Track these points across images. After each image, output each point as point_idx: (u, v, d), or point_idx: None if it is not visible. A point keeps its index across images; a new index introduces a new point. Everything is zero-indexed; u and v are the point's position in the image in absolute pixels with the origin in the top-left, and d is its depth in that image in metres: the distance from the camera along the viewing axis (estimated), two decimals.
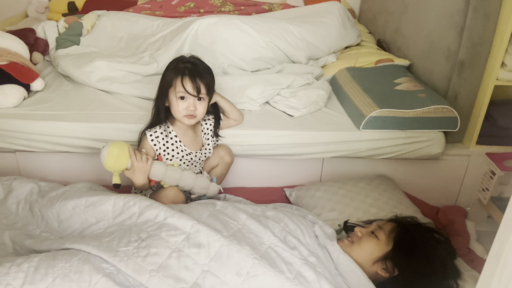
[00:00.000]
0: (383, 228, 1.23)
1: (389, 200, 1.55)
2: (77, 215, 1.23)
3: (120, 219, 1.19)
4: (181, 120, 1.41)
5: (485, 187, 1.76)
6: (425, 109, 1.63)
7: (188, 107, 1.38)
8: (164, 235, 1.10)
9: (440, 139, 1.68)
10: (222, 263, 1.06)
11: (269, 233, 1.17)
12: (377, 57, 2.11)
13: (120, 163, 1.28)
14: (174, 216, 1.15)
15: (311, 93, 1.80)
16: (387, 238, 1.20)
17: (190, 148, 1.49)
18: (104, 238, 1.09)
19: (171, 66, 1.41)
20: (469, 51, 1.67)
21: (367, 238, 1.22)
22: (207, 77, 1.41)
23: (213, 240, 1.10)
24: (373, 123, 1.64)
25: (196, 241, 1.09)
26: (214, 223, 1.17)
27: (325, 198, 1.56)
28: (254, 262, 1.07)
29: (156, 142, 1.43)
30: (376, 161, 1.75)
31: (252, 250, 1.10)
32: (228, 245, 1.09)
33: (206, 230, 1.11)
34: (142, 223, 1.16)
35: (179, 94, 1.37)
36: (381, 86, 1.82)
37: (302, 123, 1.69)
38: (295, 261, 1.11)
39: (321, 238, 1.25)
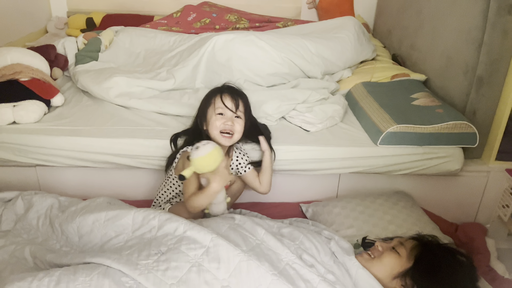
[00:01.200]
0: (405, 245, 1.22)
1: (408, 218, 1.53)
2: (97, 229, 1.24)
3: (140, 232, 1.20)
4: (218, 138, 1.41)
5: (505, 203, 1.74)
6: (443, 125, 1.62)
7: (225, 122, 1.40)
8: (184, 248, 1.10)
9: (458, 155, 1.66)
10: (242, 279, 1.06)
11: (286, 250, 1.17)
12: (393, 72, 2.11)
13: (213, 165, 1.26)
14: (194, 229, 1.15)
15: (327, 108, 1.80)
16: (409, 255, 1.18)
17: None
18: (124, 252, 1.10)
19: (212, 89, 1.48)
20: (488, 68, 1.66)
21: (388, 253, 1.21)
22: (245, 98, 1.47)
23: (232, 255, 1.10)
24: (391, 139, 1.63)
25: (215, 256, 1.09)
26: (233, 236, 1.17)
27: (342, 214, 1.55)
28: (273, 279, 1.06)
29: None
30: (394, 177, 1.74)
31: (271, 266, 1.10)
32: (248, 261, 1.09)
33: (225, 245, 1.11)
34: (161, 237, 1.17)
35: (217, 110, 1.41)
36: (398, 101, 1.82)
37: (319, 139, 1.69)
38: (313, 278, 1.11)
39: (338, 254, 1.24)
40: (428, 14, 2.10)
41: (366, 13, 3.06)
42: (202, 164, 1.25)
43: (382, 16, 2.87)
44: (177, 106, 1.81)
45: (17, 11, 2.63)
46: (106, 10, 3.03)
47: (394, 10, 2.55)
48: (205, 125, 1.44)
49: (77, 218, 1.27)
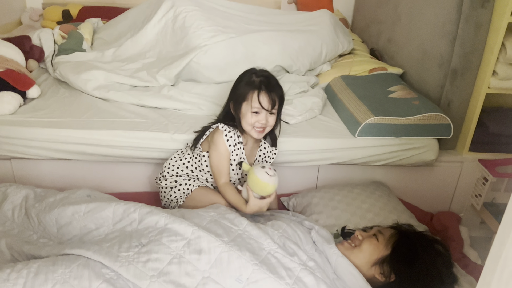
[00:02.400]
0: (383, 233, 1.25)
1: (385, 206, 1.57)
2: (76, 221, 1.22)
3: (121, 225, 1.19)
4: (250, 132, 1.41)
5: (478, 193, 1.79)
6: (419, 117, 1.65)
7: (260, 121, 1.39)
8: (165, 240, 1.10)
9: (434, 146, 1.71)
10: (223, 269, 1.07)
11: (269, 239, 1.18)
12: (371, 66, 2.15)
13: (260, 193, 1.34)
14: (175, 222, 1.15)
15: (307, 100, 1.82)
16: (387, 242, 1.21)
17: (247, 159, 1.49)
18: (105, 244, 1.09)
19: (245, 78, 1.41)
20: (461, 60, 1.71)
21: (367, 240, 1.24)
22: (279, 90, 1.42)
23: (213, 246, 1.10)
24: (368, 130, 1.66)
25: (197, 247, 1.09)
26: (215, 228, 1.17)
27: (321, 204, 1.58)
28: (254, 268, 1.07)
29: (230, 139, 1.42)
30: (371, 168, 1.77)
31: (252, 255, 1.10)
32: (229, 251, 1.09)
33: (207, 236, 1.11)
34: (143, 229, 1.16)
35: (254, 109, 1.37)
36: (376, 94, 1.85)
37: (299, 131, 1.71)
38: (295, 266, 1.12)
39: (318, 243, 1.26)
40: (405, 8, 2.14)
41: (345, 8, 3.09)
42: (255, 184, 1.32)
43: (360, 11, 2.91)
44: (156, 98, 1.80)
45: None
46: (83, 2, 2.97)
47: (372, 4, 2.58)
48: (238, 114, 1.42)
49: (55, 209, 1.25)
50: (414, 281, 1.17)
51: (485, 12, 1.63)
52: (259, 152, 1.54)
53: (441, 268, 1.22)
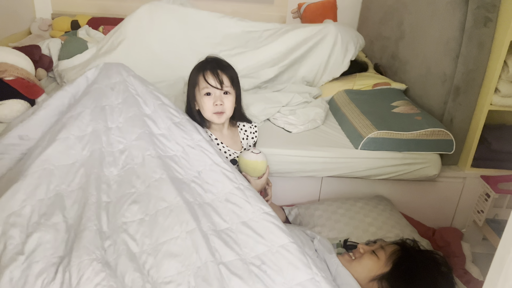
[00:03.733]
0: (385, 249, 1.24)
1: (387, 220, 1.58)
2: None
3: None
4: (211, 119, 1.43)
5: (480, 209, 1.80)
6: (421, 132, 1.67)
7: (215, 102, 1.39)
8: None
9: (436, 161, 1.72)
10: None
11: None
12: (375, 81, 2.17)
13: (253, 174, 1.45)
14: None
15: (309, 111, 1.85)
16: (387, 259, 1.21)
17: (233, 147, 1.51)
18: None
19: (195, 67, 1.45)
20: (464, 77, 1.73)
21: (368, 255, 1.24)
22: (230, 69, 1.43)
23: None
24: (371, 144, 1.68)
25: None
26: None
27: (324, 217, 1.59)
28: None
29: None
30: (374, 182, 1.79)
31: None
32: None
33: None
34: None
35: (203, 90, 1.39)
36: (379, 109, 1.87)
37: (301, 141, 1.73)
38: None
39: (320, 251, 1.27)
40: (409, 25, 2.18)
41: (349, 24, 3.13)
42: (246, 166, 1.43)
43: (364, 27, 2.95)
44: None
45: (0, 11, 2.61)
46: (91, 13, 3.03)
47: (376, 20, 2.62)
48: (197, 106, 1.45)
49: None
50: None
51: (488, 31, 1.66)
52: (240, 134, 1.55)
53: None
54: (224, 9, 3.17)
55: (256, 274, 1.08)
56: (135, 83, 1.51)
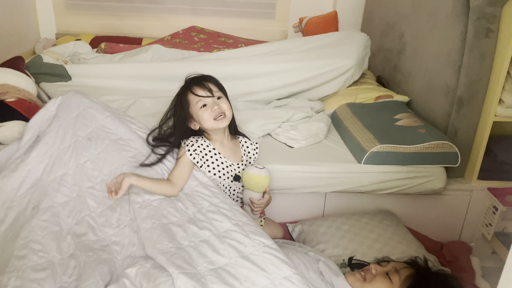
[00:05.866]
0: (400, 273, 1.19)
1: (393, 236, 1.55)
2: None
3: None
4: (214, 126, 1.41)
5: (488, 222, 1.76)
6: (425, 145, 1.65)
7: (212, 109, 1.39)
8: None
9: (441, 174, 1.69)
10: None
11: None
12: (377, 93, 2.16)
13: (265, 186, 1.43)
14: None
15: (311, 126, 1.84)
16: (401, 285, 1.16)
17: (230, 159, 1.48)
18: None
19: (178, 93, 1.45)
20: (467, 89, 1.71)
21: (380, 278, 1.19)
22: (212, 78, 1.45)
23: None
24: (375, 158, 1.66)
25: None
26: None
27: (328, 233, 1.56)
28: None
29: (195, 155, 1.42)
30: (379, 196, 1.76)
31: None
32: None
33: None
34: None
35: (198, 105, 1.39)
36: (382, 122, 1.85)
37: (303, 157, 1.71)
38: None
39: (325, 274, 1.24)
40: (410, 38, 2.17)
41: None
42: (250, 181, 1.41)
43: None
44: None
45: (5, 32, 2.64)
46: (95, 32, 3.06)
47: (378, 33, 2.62)
48: (195, 124, 1.44)
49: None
50: None
51: (490, 41, 1.64)
52: (242, 149, 1.53)
53: None
54: (225, 25, 3.19)
55: None
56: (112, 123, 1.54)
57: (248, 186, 1.44)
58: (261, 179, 1.41)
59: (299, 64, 2.10)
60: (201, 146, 1.44)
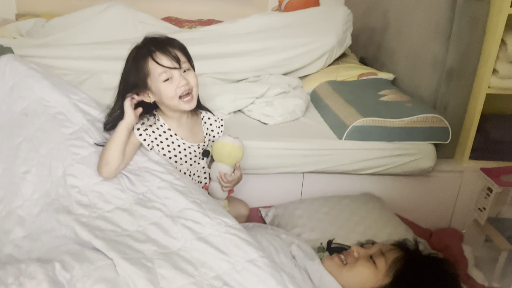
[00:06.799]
0: (386, 256, 1.00)
1: (378, 219, 1.37)
2: None
3: None
4: (179, 107, 1.17)
5: (481, 206, 1.61)
6: (413, 118, 1.49)
7: (178, 85, 1.14)
8: None
9: (430, 152, 1.53)
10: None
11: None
12: (360, 71, 1.99)
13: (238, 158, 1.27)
14: None
15: (288, 102, 1.66)
16: (388, 269, 0.98)
17: (189, 140, 1.25)
18: None
19: (132, 55, 1.17)
20: (458, 59, 1.56)
21: (363, 262, 1.00)
22: (178, 43, 1.18)
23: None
24: (357, 134, 1.48)
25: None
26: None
27: (305, 216, 1.38)
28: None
29: (146, 136, 1.18)
30: (361, 178, 1.59)
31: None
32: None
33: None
34: None
35: (161, 77, 1.13)
36: (365, 98, 1.69)
37: (279, 133, 1.53)
38: None
39: (299, 258, 1.05)
40: (395, 12, 2.02)
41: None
42: (221, 151, 1.25)
43: None
44: None
45: None
46: (57, 12, 2.83)
47: (360, 12, 2.46)
48: (151, 96, 1.19)
49: None
50: None
51: (482, 5, 1.50)
52: (204, 127, 1.30)
53: None
54: (202, 9, 3.02)
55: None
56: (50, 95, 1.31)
57: (218, 157, 1.26)
58: (235, 149, 1.24)
59: (275, 43, 1.91)
60: (153, 125, 1.21)
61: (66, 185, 1.17)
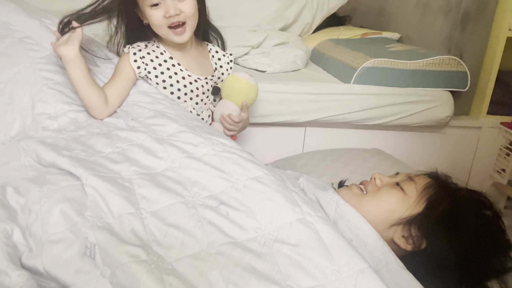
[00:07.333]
0: (415, 181, 0.83)
1: (393, 167, 1.19)
2: None
3: None
4: (168, 37, 0.98)
5: (501, 168, 1.45)
6: (428, 60, 1.33)
7: (165, 14, 0.93)
8: None
9: (448, 100, 1.37)
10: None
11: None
12: (363, 31, 1.85)
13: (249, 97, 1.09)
14: None
15: (287, 53, 1.50)
16: (420, 196, 0.80)
17: (195, 72, 1.06)
18: None
19: None
20: (474, 0, 1.41)
21: (388, 189, 0.82)
22: None
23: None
24: (367, 77, 1.32)
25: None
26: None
27: (310, 164, 1.20)
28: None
29: (141, 63, 0.99)
30: (369, 133, 1.42)
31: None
32: None
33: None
34: None
35: (147, 1, 0.93)
36: (373, 48, 1.53)
37: (278, 78, 1.36)
38: None
39: (309, 190, 0.87)
40: None
41: None
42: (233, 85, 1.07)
43: None
44: None
45: None
46: None
47: None
48: (146, 20, 0.99)
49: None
50: (455, 257, 0.75)
51: None
52: (213, 61, 1.11)
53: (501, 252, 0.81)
54: None
55: (209, 221, 0.68)
56: (17, 18, 1.12)
57: (228, 92, 1.07)
58: (249, 87, 1.07)
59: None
60: (152, 53, 1.01)
61: (33, 114, 0.98)
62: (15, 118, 0.99)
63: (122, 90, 1.00)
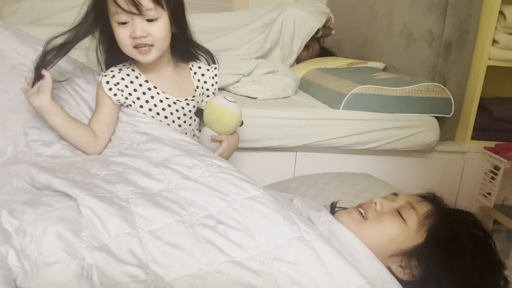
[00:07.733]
0: (416, 209, 0.81)
1: (384, 190, 1.21)
2: None
3: None
4: (134, 56, 0.94)
5: (486, 192, 1.48)
6: (414, 87, 1.38)
7: (132, 33, 0.90)
8: None
9: (433, 125, 1.42)
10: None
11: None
12: (349, 61, 1.91)
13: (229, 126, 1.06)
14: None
15: (277, 80, 1.54)
16: (420, 224, 0.78)
17: (174, 95, 1.03)
18: None
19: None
20: (456, 30, 1.49)
21: (389, 217, 0.81)
22: None
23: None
24: (355, 103, 1.36)
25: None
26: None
27: (302, 188, 1.21)
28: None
29: (117, 90, 0.98)
30: (358, 158, 1.45)
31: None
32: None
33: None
34: None
35: (115, 18, 0.90)
36: (360, 76, 1.58)
37: (270, 104, 1.39)
38: None
39: (303, 211, 0.87)
40: (381, 3, 1.97)
41: None
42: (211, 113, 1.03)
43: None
44: None
45: None
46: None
47: (344, 15, 2.43)
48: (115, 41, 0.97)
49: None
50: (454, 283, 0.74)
51: None
52: (194, 79, 1.08)
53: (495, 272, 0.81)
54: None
55: (208, 239, 0.69)
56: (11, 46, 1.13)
57: (207, 121, 1.04)
58: (225, 115, 1.02)
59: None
60: (127, 77, 1.00)
61: (26, 140, 0.99)
62: (8, 144, 0.99)
63: (107, 119, 1.00)
